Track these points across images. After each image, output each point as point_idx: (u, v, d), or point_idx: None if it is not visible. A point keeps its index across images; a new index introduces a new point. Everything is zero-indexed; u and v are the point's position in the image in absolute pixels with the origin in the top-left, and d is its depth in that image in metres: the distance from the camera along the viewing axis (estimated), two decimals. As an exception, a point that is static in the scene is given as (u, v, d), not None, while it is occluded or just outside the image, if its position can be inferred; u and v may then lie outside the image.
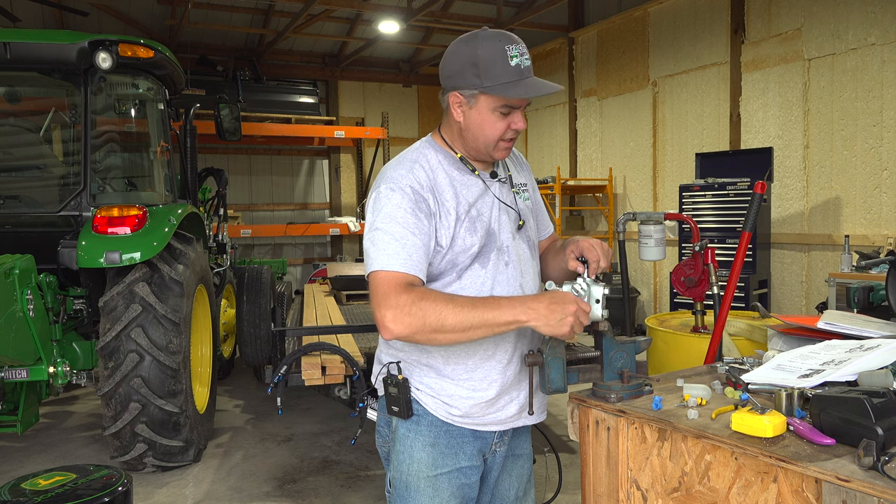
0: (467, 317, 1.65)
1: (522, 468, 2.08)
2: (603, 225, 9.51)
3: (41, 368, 4.24)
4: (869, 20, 6.17)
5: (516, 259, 1.92)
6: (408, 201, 1.76)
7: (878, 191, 6.20)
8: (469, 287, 1.84)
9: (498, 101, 1.78)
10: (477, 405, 1.87)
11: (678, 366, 3.77)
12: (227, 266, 6.69)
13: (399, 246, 1.73)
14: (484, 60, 1.75)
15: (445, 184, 1.84)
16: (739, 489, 1.48)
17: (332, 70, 11.53)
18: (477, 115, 1.81)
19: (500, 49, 1.75)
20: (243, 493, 4.26)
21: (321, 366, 3.84)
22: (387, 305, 1.67)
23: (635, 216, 4.65)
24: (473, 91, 1.78)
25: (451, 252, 1.82)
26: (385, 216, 1.76)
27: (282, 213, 11.43)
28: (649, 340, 1.95)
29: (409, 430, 1.89)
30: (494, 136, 1.82)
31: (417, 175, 1.80)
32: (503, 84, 1.75)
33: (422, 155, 1.87)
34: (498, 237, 1.88)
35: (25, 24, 8.43)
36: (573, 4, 9.80)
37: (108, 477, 2.44)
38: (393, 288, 1.68)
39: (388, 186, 1.79)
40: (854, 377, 1.66)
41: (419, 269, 1.75)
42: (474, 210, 1.85)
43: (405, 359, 1.90)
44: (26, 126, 5.22)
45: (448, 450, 1.88)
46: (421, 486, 1.87)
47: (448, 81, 1.83)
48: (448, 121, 1.89)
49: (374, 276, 1.74)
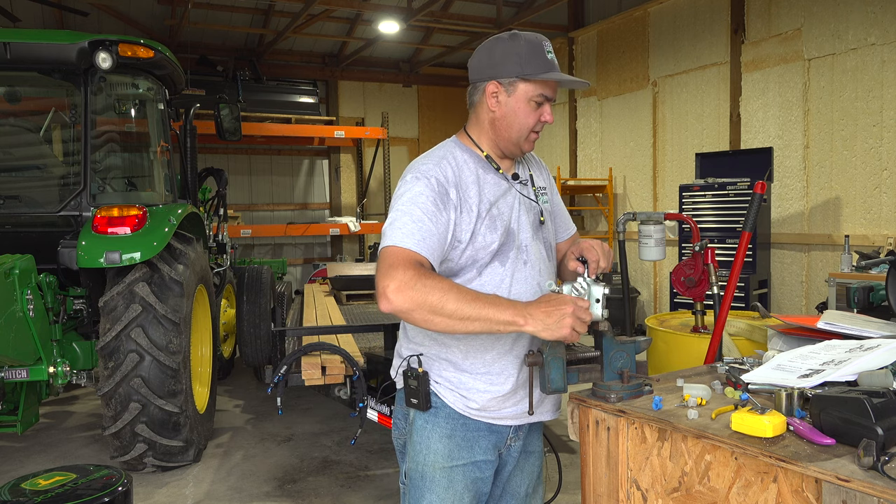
0: (467, 307, 1.66)
1: (534, 465, 2.13)
2: (603, 225, 9.51)
3: (41, 368, 4.24)
4: (869, 20, 6.17)
5: (535, 258, 1.97)
6: (431, 191, 1.81)
7: (878, 191, 6.20)
8: (488, 284, 1.89)
9: (536, 88, 1.88)
10: (494, 399, 1.91)
11: (678, 366, 3.77)
12: (227, 266, 6.69)
13: (415, 228, 1.76)
14: (525, 52, 1.86)
15: (470, 181, 1.89)
16: (739, 489, 1.48)
17: (332, 70, 11.53)
18: (514, 102, 1.89)
19: (538, 43, 1.88)
20: (243, 493, 4.26)
21: (321, 366, 3.84)
22: (391, 276, 1.68)
23: (635, 216, 4.65)
24: (513, 78, 1.87)
25: (472, 248, 1.87)
26: (406, 200, 1.81)
27: (282, 213, 11.43)
28: (649, 340, 1.95)
29: (426, 422, 1.93)
30: (528, 126, 1.91)
31: (444, 169, 1.87)
32: (542, 73, 1.86)
33: (449, 152, 1.93)
34: (517, 236, 1.94)
35: (25, 24, 8.43)
36: (573, 4, 9.80)
37: (108, 477, 2.44)
38: (402, 261, 1.71)
39: (414, 175, 1.85)
40: (854, 377, 1.66)
41: (431, 253, 1.77)
42: (495, 209, 1.91)
43: (426, 353, 1.95)
44: (26, 126, 5.22)
45: (464, 442, 1.93)
46: (437, 477, 1.92)
47: (486, 71, 1.91)
48: (476, 116, 1.96)
49: (385, 249, 1.76)
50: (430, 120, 12.37)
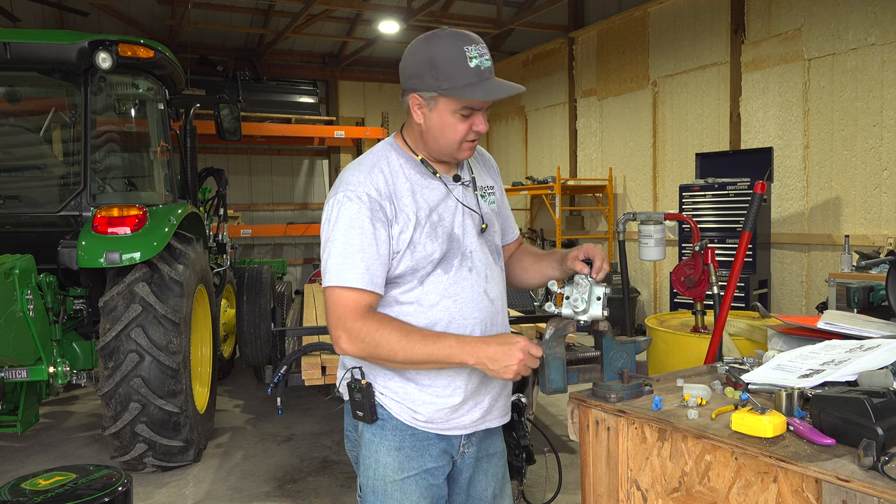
0: (417, 354, 1.69)
1: (497, 466, 2.06)
2: (603, 225, 9.51)
3: (41, 368, 4.24)
4: (869, 20, 6.17)
5: (481, 265, 1.89)
6: (365, 210, 1.73)
7: (878, 191, 6.20)
8: (431, 293, 1.81)
9: (458, 103, 1.74)
10: (440, 410, 1.85)
11: (678, 366, 3.77)
12: (227, 266, 6.69)
13: (357, 259, 1.72)
14: (442, 61, 1.70)
15: (405, 189, 1.80)
16: (739, 489, 1.48)
17: (332, 70, 11.53)
18: (437, 117, 1.77)
19: (458, 49, 1.71)
20: (243, 493, 4.26)
21: (321, 366, 3.84)
22: (342, 328, 1.72)
23: (635, 216, 4.65)
24: (432, 93, 1.73)
25: (411, 258, 1.79)
26: (342, 227, 1.74)
27: (282, 213, 11.44)
28: (649, 340, 1.95)
29: (374, 435, 1.87)
30: (456, 139, 1.79)
31: (375, 181, 1.77)
32: (462, 86, 1.70)
33: (382, 158, 1.83)
34: (462, 242, 1.85)
35: (25, 24, 8.43)
36: (573, 4, 9.80)
37: (108, 477, 2.45)
38: (349, 312, 1.71)
39: (345, 194, 1.76)
40: (854, 377, 1.66)
41: (377, 283, 1.75)
42: (435, 215, 1.82)
43: (369, 363, 1.87)
44: (26, 126, 5.22)
45: (414, 452, 1.86)
46: (388, 490, 1.85)
47: (407, 83, 1.79)
48: (409, 122, 1.86)
49: (331, 292, 1.74)
50: (430, 120, 12.36)
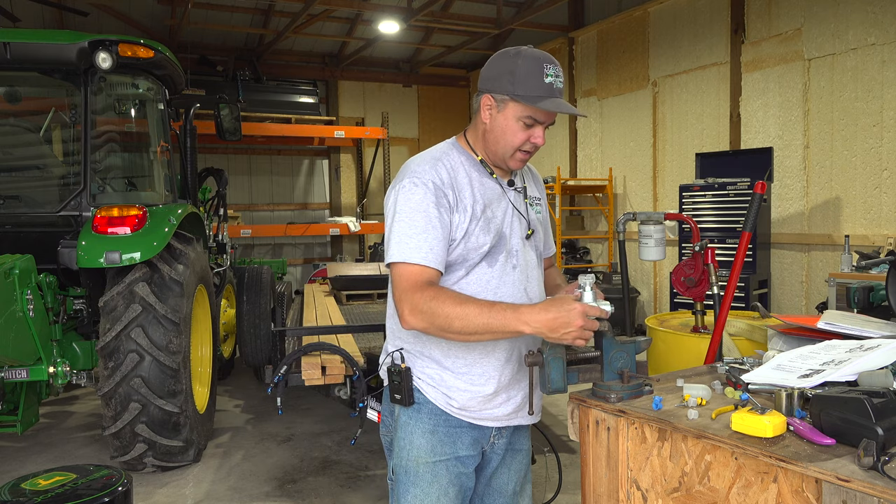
0: (472, 322, 1.74)
1: (521, 463, 2.14)
2: (603, 225, 9.51)
3: (41, 368, 4.24)
4: (869, 20, 6.17)
5: (524, 264, 2.00)
6: (430, 195, 1.85)
7: (878, 191, 6.20)
8: (475, 284, 1.92)
9: (524, 110, 1.87)
10: (474, 399, 1.94)
11: (678, 366, 3.77)
12: (227, 266, 6.68)
13: (422, 238, 1.82)
14: (521, 72, 1.85)
15: (465, 182, 1.93)
16: (739, 489, 1.48)
17: (332, 70, 11.53)
18: (503, 120, 1.90)
19: (538, 65, 1.85)
20: (243, 493, 4.26)
21: (321, 366, 3.84)
22: (405, 300, 1.81)
23: (635, 216, 4.65)
24: (504, 96, 1.87)
25: (464, 247, 1.90)
26: (409, 208, 1.85)
27: (282, 213, 11.43)
28: (649, 340, 1.95)
29: (409, 418, 1.96)
30: (514, 144, 1.91)
31: (440, 172, 1.89)
32: (533, 96, 1.84)
33: (445, 154, 1.96)
34: (508, 240, 1.97)
35: (25, 24, 8.43)
36: (573, 4, 9.79)
37: (108, 477, 2.44)
38: (411, 285, 1.80)
39: (411, 181, 1.87)
40: (854, 377, 1.66)
41: (439, 261, 1.84)
42: (489, 211, 1.94)
43: (408, 349, 1.98)
44: (26, 126, 5.22)
45: (447, 437, 1.95)
46: (420, 472, 1.94)
47: (484, 84, 1.93)
48: (475, 122, 1.99)
49: (396, 268, 1.84)
50: (430, 120, 12.37)
